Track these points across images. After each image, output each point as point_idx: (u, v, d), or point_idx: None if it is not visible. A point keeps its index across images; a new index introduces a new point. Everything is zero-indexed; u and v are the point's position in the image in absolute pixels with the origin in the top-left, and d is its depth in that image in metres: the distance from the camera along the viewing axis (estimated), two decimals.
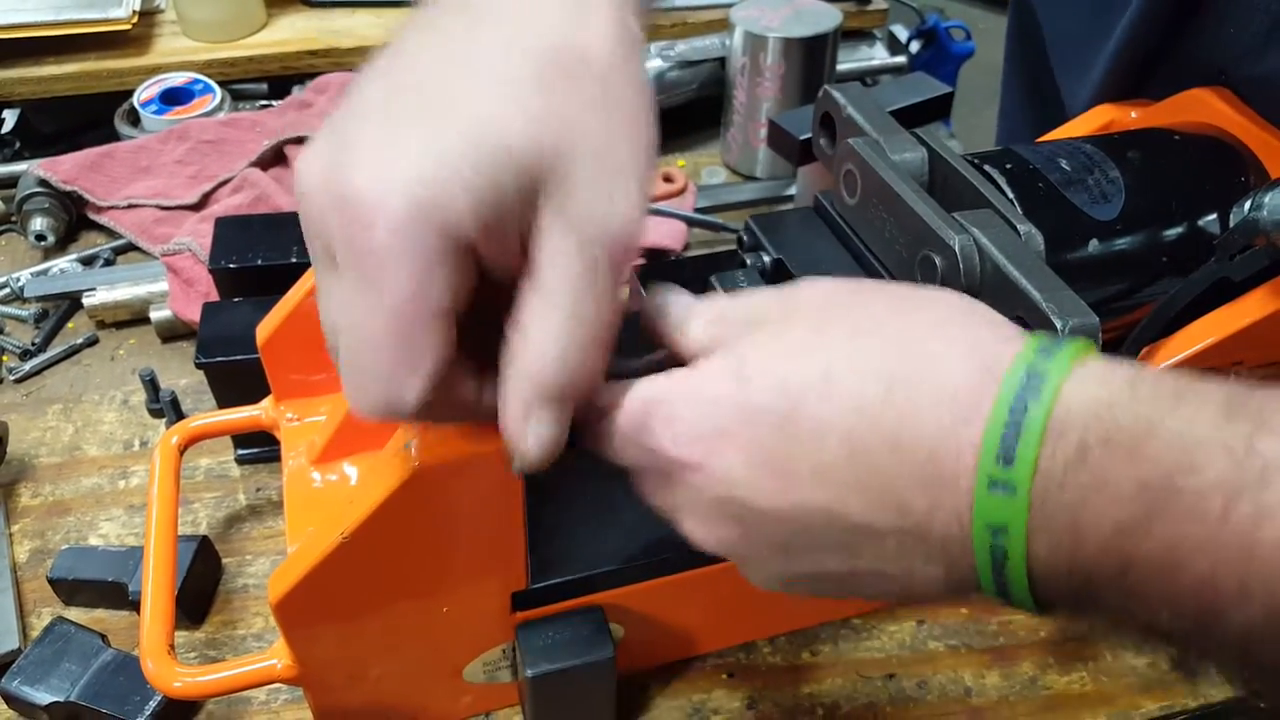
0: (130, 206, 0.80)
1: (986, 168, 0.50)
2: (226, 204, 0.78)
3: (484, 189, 0.28)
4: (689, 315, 0.35)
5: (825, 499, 0.30)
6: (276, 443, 0.55)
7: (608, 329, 0.31)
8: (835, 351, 0.31)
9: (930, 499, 0.29)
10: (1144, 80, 0.64)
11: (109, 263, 0.78)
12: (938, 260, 0.43)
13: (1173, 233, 0.52)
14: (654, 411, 0.33)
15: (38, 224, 0.78)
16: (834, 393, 0.30)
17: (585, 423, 0.35)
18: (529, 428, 0.32)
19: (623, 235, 0.30)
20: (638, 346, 0.36)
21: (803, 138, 0.55)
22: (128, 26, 0.94)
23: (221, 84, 0.94)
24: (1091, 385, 0.28)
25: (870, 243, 0.49)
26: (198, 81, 0.93)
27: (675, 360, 0.35)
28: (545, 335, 0.31)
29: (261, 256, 0.64)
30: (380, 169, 0.28)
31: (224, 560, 0.57)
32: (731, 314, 0.34)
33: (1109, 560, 0.27)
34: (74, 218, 0.81)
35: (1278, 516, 0.24)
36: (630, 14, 0.33)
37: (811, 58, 0.83)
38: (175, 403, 0.63)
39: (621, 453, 0.35)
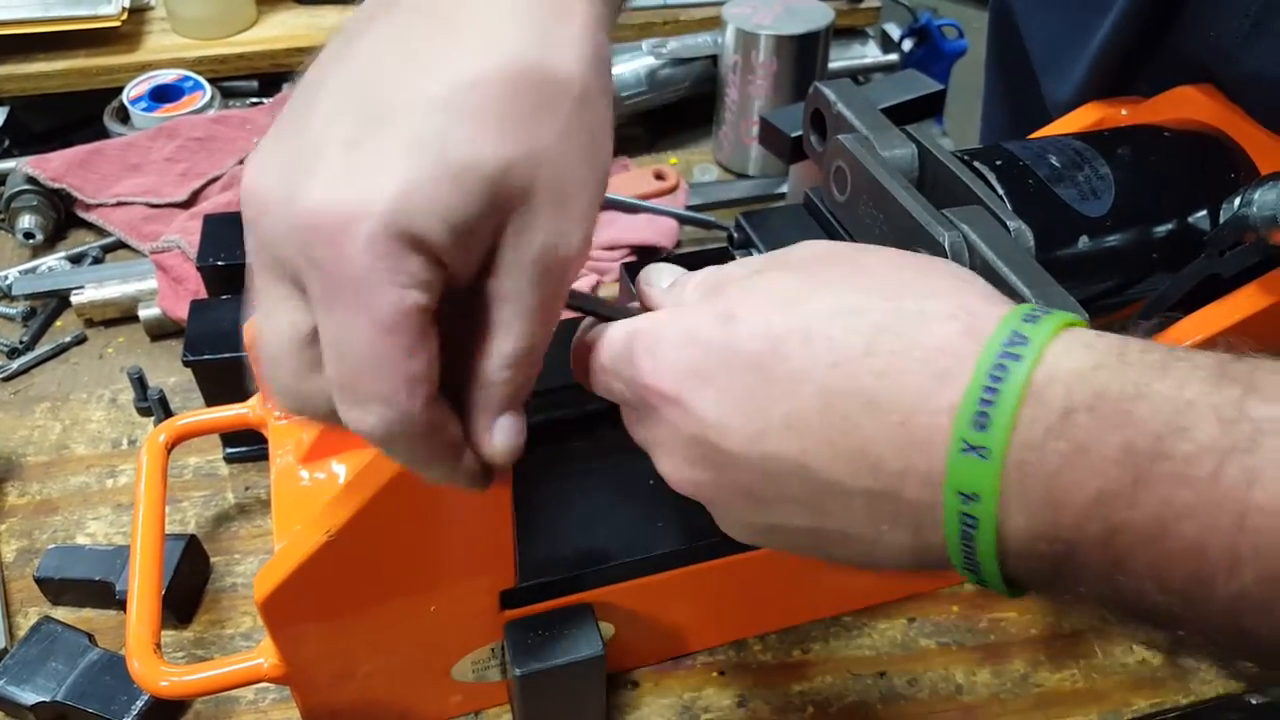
0: (119, 204, 0.80)
1: (977, 164, 0.50)
2: (216, 201, 0.78)
3: (456, 207, 0.28)
4: (683, 279, 0.36)
5: (795, 449, 0.30)
6: (265, 441, 0.55)
7: (548, 340, 0.32)
8: (821, 302, 0.30)
9: (903, 460, 0.28)
10: (1127, 80, 0.64)
11: (98, 260, 0.78)
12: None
13: (1163, 229, 0.52)
14: (637, 342, 0.33)
15: (26, 221, 0.78)
16: (815, 342, 0.30)
17: (573, 358, 0.36)
18: (495, 435, 0.32)
19: (572, 262, 0.31)
20: None
21: (794, 135, 0.55)
22: (117, 23, 0.94)
23: (211, 81, 0.93)
24: (1077, 350, 0.27)
25: (861, 239, 0.48)
26: (188, 79, 0.92)
27: None
28: (503, 355, 0.31)
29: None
30: (351, 188, 0.27)
31: (212, 559, 0.57)
32: (726, 270, 0.35)
33: (1092, 528, 0.26)
34: (62, 215, 0.81)
35: (1268, 480, 0.24)
36: (602, 29, 0.32)
37: (803, 55, 0.83)
38: (163, 401, 0.63)
39: (604, 385, 0.35)
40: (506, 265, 0.30)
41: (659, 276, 0.37)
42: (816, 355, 0.29)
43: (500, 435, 0.32)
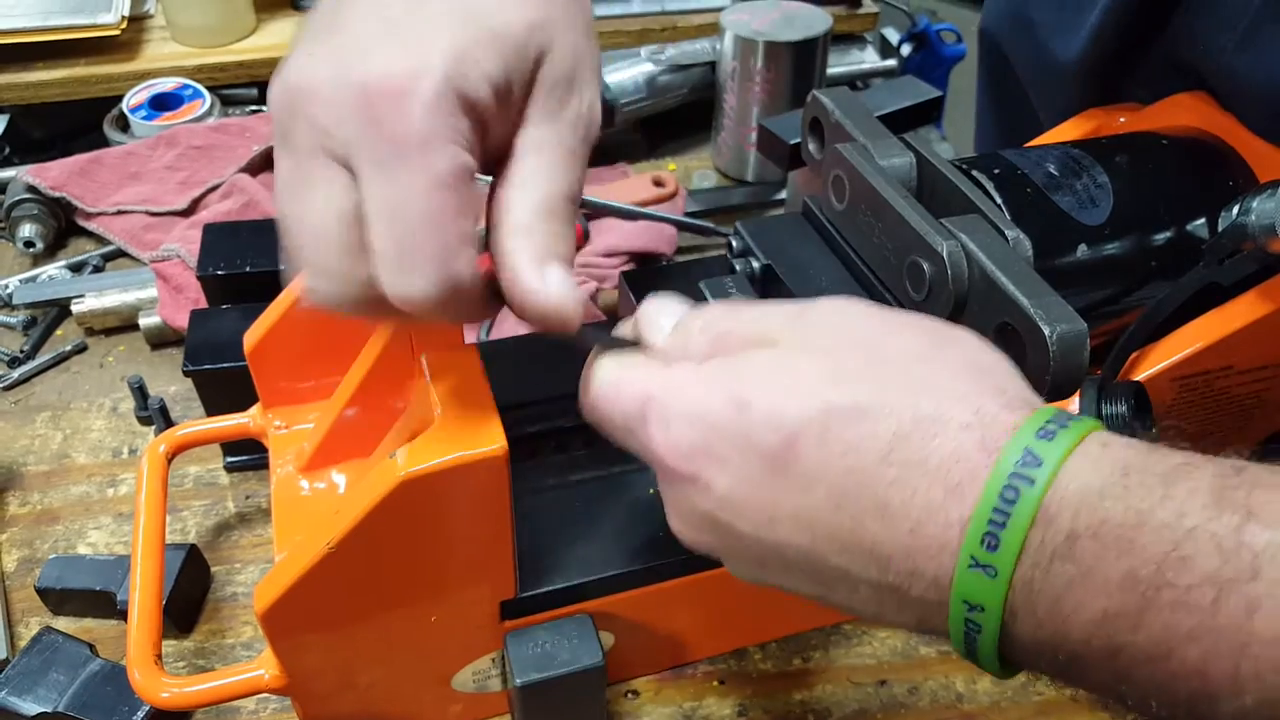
0: (119, 213, 0.80)
1: (974, 173, 0.50)
2: (216, 210, 0.78)
3: (497, 67, 0.32)
4: (686, 321, 0.36)
5: (805, 541, 0.30)
6: (265, 450, 0.55)
7: (578, 198, 0.36)
8: (839, 396, 0.30)
9: (911, 564, 0.29)
10: (1119, 86, 0.64)
11: (98, 269, 0.78)
12: (926, 266, 0.42)
13: (1161, 237, 0.52)
14: (649, 409, 0.33)
15: (26, 230, 0.78)
16: (829, 445, 0.29)
17: (583, 396, 0.36)
18: (549, 283, 0.34)
19: (590, 121, 0.36)
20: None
21: (792, 142, 0.55)
22: (117, 32, 0.94)
23: (211, 89, 0.93)
24: (1084, 472, 0.27)
25: (859, 248, 0.48)
26: (187, 87, 0.93)
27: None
28: (545, 197, 0.34)
29: (250, 263, 0.63)
30: (406, 58, 0.31)
31: (213, 569, 0.57)
32: (735, 325, 0.34)
33: (1098, 645, 0.27)
34: (63, 224, 0.81)
35: (1268, 607, 0.24)
36: None
37: (802, 62, 0.83)
38: (164, 410, 0.63)
39: (619, 441, 0.35)
40: (538, 117, 0.35)
41: (662, 319, 0.37)
42: (830, 458, 0.29)
43: (555, 283, 0.34)
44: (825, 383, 0.30)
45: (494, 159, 0.35)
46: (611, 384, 0.35)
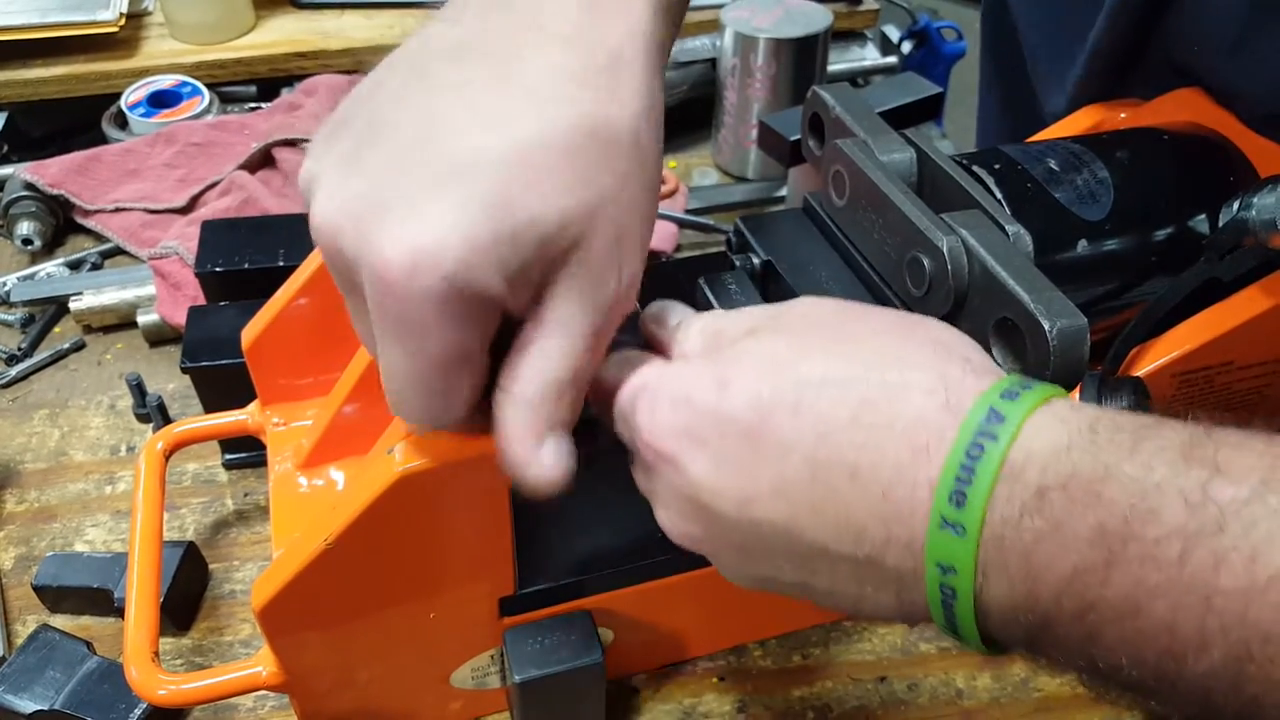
0: (118, 210, 0.80)
1: (975, 168, 0.50)
2: (214, 207, 0.78)
3: (513, 261, 0.30)
4: (688, 322, 0.37)
5: (783, 515, 0.31)
6: (263, 447, 0.55)
7: (592, 372, 0.34)
8: (810, 370, 0.31)
9: (885, 530, 0.29)
10: (1122, 82, 0.64)
11: (96, 267, 0.78)
12: (926, 261, 0.42)
13: (1162, 233, 0.52)
14: (640, 398, 0.34)
15: (24, 228, 0.78)
16: (802, 414, 0.30)
17: (594, 398, 0.37)
18: (544, 456, 0.33)
19: (621, 297, 0.33)
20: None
21: (792, 139, 0.55)
22: (115, 29, 0.94)
23: (210, 86, 0.93)
24: (1051, 429, 0.28)
25: (859, 244, 0.48)
26: (186, 84, 0.92)
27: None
28: (548, 379, 0.33)
29: (248, 260, 0.63)
30: (417, 241, 0.28)
31: (211, 566, 0.57)
32: (727, 324, 0.35)
33: (1067, 604, 0.27)
34: (61, 221, 0.81)
35: (1234, 563, 0.24)
36: (657, 76, 0.34)
37: (802, 58, 0.83)
38: (162, 407, 0.63)
39: (618, 429, 0.36)
40: (559, 297, 0.32)
41: (667, 315, 0.38)
42: (803, 427, 0.30)
43: (549, 456, 0.33)
44: (797, 359, 0.32)
45: (521, 311, 0.33)
46: (616, 376, 0.36)
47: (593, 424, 0.37)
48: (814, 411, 0.30)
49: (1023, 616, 0.28)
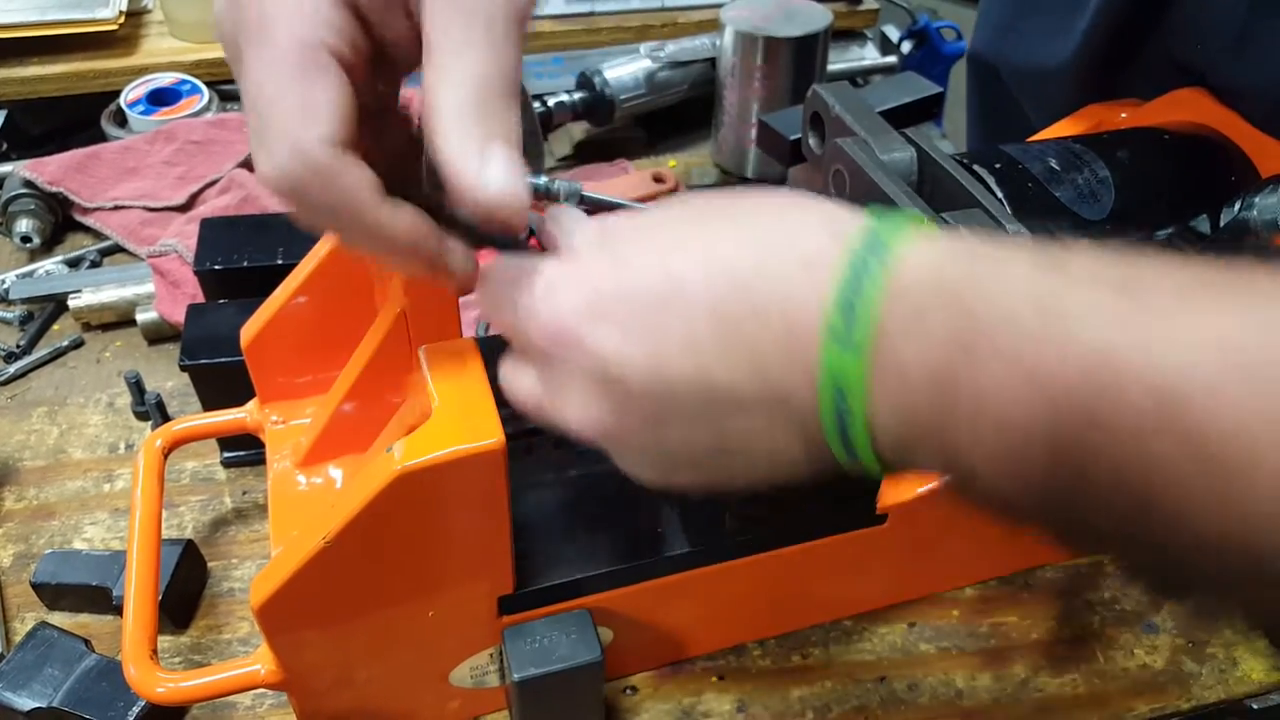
0: (117, 208, 0.80)
1: (976, 167, 0.50)
2: (214, 205, 0.78)
3: None
4: (579, 223, 0.37)
5: (693, 367, 0.31)
6: (262, 445, 0.55)
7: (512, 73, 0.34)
8: (712, 237, 0.33)
9: (786, 360, 0.30)
10: (1114, 89, 0.65)
11: (95, 264, 0.78)
12: None
13: (1162, 232, 0.51)
14: (536, 287, 0.34)
15: (23, 225, 0.77)
16: (709, 270, 0.32)
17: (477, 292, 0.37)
18: (489, 168, 0.33)
19: None
20: None
21: (792, 138, 0.55)
22: (114, 27, 0.93)
23: (209, 84, 0.93)
24: (928, 249, 0.30)
25: None
26: (185, 82, 0.92)
27: None
28: (464, 80, 0.33)
29: (247, 258, 0.63)
30: None
31: (210, 564, 0.57)
32: (616, 220, 0.36)
33: (933, 406, 0.28)
34: (60, 219, 0.80)
35: (1071, 359, 0.26)
36: None
37: (802, 58, 0.83)
38: (161, 405, 0.62)
39: (507, 331, 0.36)
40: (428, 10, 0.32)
41: (561, 217, 0.38)
42: (711, 279, 0.32)
43: (496, 168, 0.33)
44: (695, 225, 0.33)
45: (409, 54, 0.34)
46: (508, 268, 0.36)
47: None
48: (719, 267, 0.32)
49: (902, 430, 0.29)
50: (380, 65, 0.35)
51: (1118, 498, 0.26)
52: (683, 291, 0.32)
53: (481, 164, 0.32)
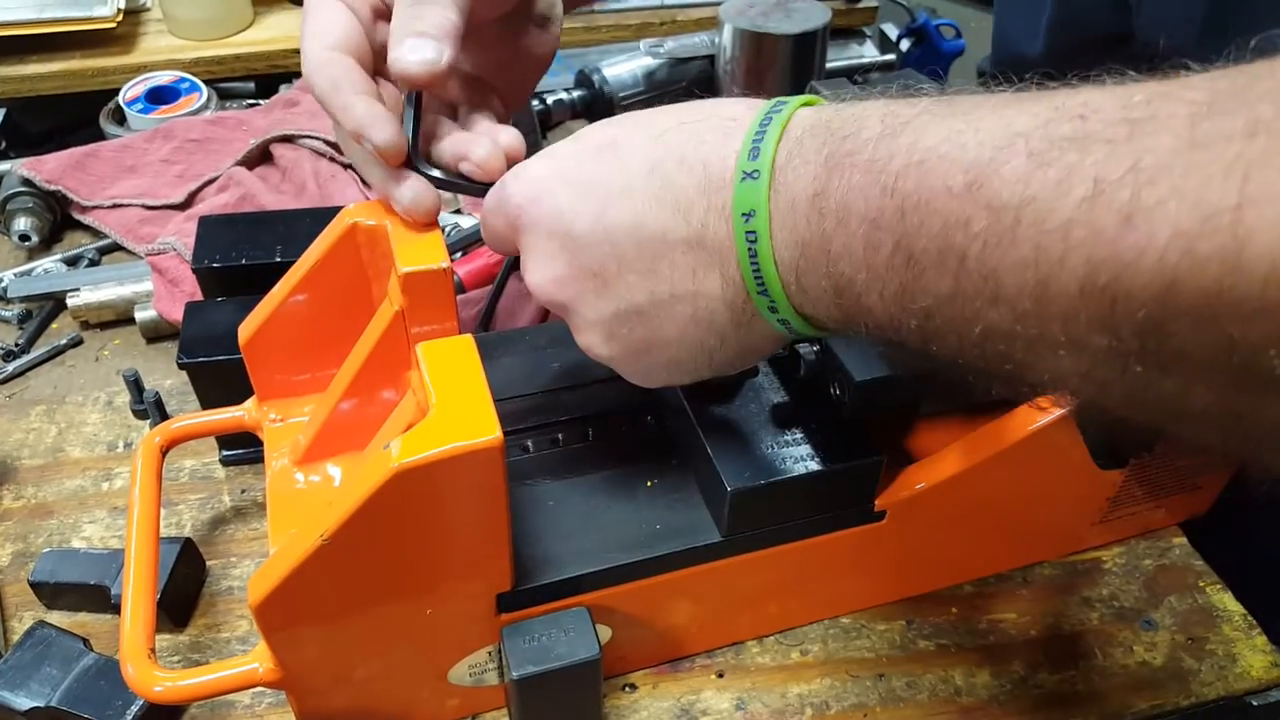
0: (115, 206, 0.80)
1: None
2: (212, 203, 0.78)
3: None
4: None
5: (629, 212, 0.37)
6: (260, 443, 0.55)
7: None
8: (654, 116, 0.39)
9: (706, 200, 0.36)
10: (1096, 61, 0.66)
11: (94, 263, 0.78)
12: None
13: None
14: (508, 175, 0.42)
15: (21, 224, 0.77)
16: (645, 134, 0.38)
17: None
18: (406, 51, 0.42)
19: None
20: None
21: None
22: (113, 25, 0.93)
23: (208, 83, 0.93)
24: (817, 107, 0.36)
25: None
26: (184, 80, 0.92)
27: None
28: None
29: (246, 256, 0.63)
30: None
31: (208, 562, 0.57)
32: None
33: (812, 222, 0.33)
34: (58, 217, 0.80)
35: (901, 152, 0.31)
36: None
37: (801, 55, 0.83)
38: (159, 404, 0.62)
39: (491, 231, 0.43)
40: None
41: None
42: (644, 136, 0.38)
43: (407, 47, 0.42)
44: (643, 115, 0.40)
45: None
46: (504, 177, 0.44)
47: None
48: (649, 125, 0.39)
49: (796, 255, 0.34)
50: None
51: (943, 274, 0.30)
52: (622, 151, 0.38)
53: (399, 47, 0.43)
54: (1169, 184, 0.24)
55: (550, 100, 0.90)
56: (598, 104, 0.91)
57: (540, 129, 0.89)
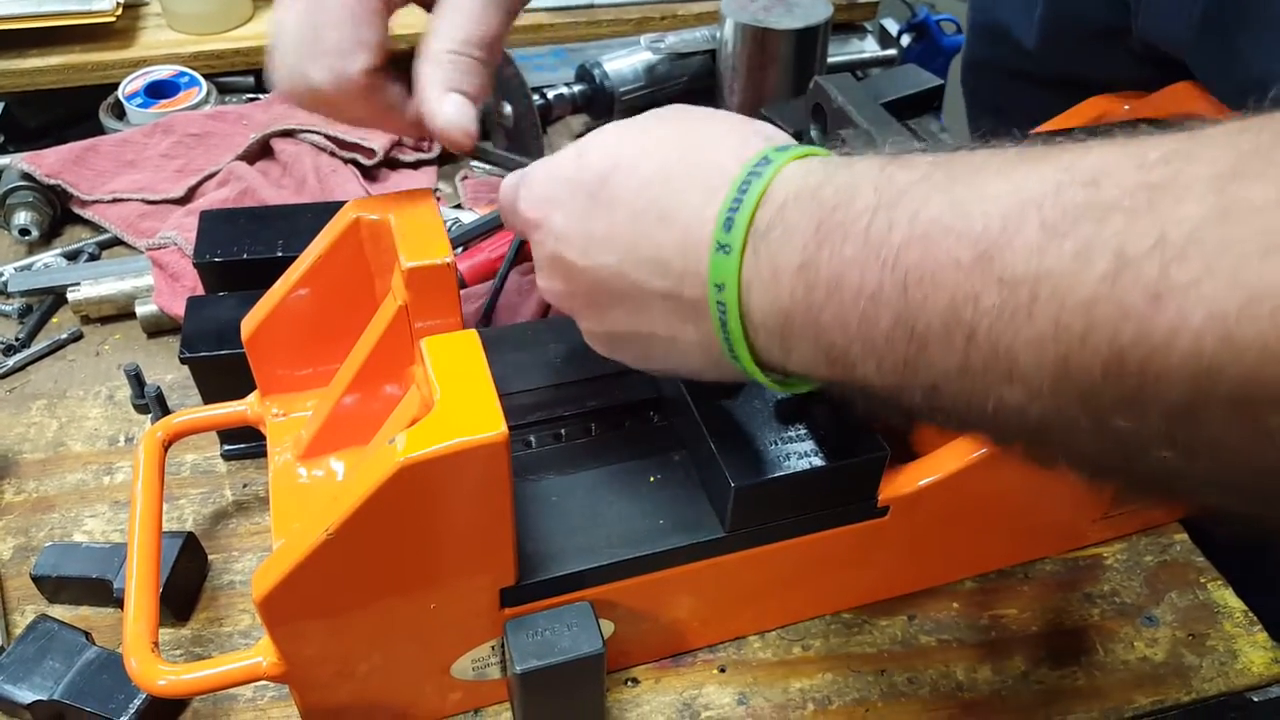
0: (115, 200, 0.80)
1: None
2: (212, 198, 0.78)
3: None
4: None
5: (613, 258, 0.38)
6: (263, 438, 0.55)
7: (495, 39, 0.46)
8: (647, 141, 0.38)
9: (684, 263, 0.35)
10: (1093, 83, 0.66)
11: (94, 257, 0.78)
12: None
13: None
14: (521, 183, 0.43)
15: (21, 218, 0.77)
16: (632, 173, 0.37)
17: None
18: (445, 105, 0.44)
19: None
20: None
21: (794, 131, 0.55)
22: (112, 18, 0.93)
23: (208, 77, 0.93)
24: (804, 167, 0.34)
25: None
26: (183, 74, 0.92)
27: None
28: (451, 37, 0.45)
29: (247, 250, 0.63)
30: None
31: (210, 556, 0.57)
32: (602, 127, 0.42)
33: (798, 293, 0.32)
34: (58, 212, 0.80)
35: (901, 224, 0.29)
36: None
37: (802, 50, 0.83)
38: (160, 398, 0.62)
39: (509, 223, 0.45)
40: None
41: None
42: (630, 183, 0.37)
43: (450, 106, 0.44)
44: (636, 133, 0.39)
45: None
46: (513, 177, 0.44)
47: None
48: (641, 172, 0.37)
49: (772, 321, 0.33)
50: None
51: (950, 350, 0.28)
52: (610, 189, 0.38)
53: (441, 101, 0.44)
54: (1202, 262, 0.23)
55: (551, 95, 0.90)
56: (598, 99, 0.91)
57: (541, 123, 0.89)
